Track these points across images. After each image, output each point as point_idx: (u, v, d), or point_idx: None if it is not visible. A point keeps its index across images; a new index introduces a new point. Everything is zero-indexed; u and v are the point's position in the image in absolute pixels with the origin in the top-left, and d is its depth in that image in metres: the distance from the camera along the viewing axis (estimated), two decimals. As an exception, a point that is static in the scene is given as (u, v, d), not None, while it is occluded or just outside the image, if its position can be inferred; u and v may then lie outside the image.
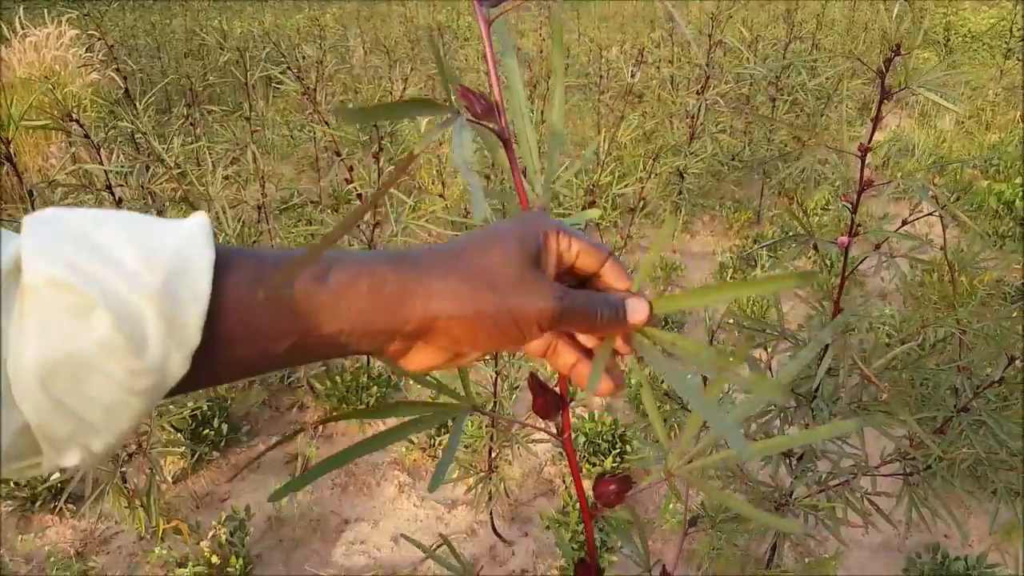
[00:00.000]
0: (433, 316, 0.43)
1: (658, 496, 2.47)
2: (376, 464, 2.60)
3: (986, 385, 1.78)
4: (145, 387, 0.36)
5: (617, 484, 0.66)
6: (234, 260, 0.40)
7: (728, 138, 3.71)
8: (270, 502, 0.55)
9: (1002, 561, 2.23)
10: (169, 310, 0.36)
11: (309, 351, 0.42)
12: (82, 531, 2.31)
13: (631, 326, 0.48)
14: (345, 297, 0.42)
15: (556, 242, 0.47)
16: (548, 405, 0.59)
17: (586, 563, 0.70)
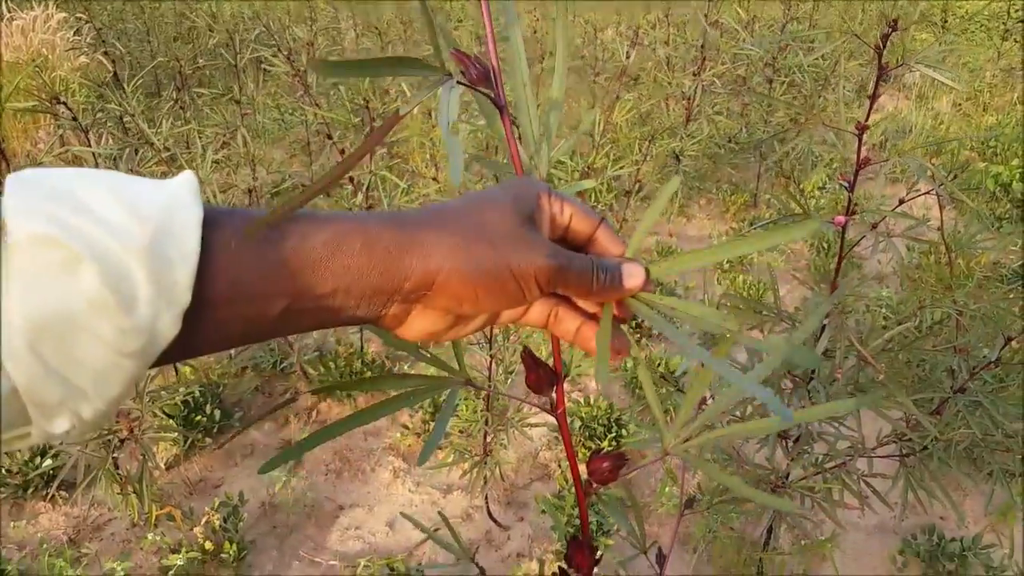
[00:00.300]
0: (434, 271, 0.42)
1: (654, 480, 2.46)
2: (371, 450, 2.59)
3: (983, 366, 1.77)
4: (135, 348, 0.35)
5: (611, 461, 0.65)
6: (222, 218, 0.38)
7: (725, 120, 3.68)
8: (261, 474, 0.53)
9: (998, 542, 2.24)
10: (158, 267, 0.35)
11: (304, 315, 0.41)
12: (75, 518, 2.29)
13: (627, 290, 0.47)
14: (338, 254, 0.40)
15: (549, 204, 0.46)
16: (541, 380, 0.58)
17: (578, 540, 0.69)
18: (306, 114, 3.03)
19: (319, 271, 0.40)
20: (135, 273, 0.34)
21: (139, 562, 2.14)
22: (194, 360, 2.63)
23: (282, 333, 0.42)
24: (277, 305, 0.39)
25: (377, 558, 2.10)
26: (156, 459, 2.40)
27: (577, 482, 0.64)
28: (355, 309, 0.42)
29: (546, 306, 0.49)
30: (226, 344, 0.40)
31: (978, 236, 2.37)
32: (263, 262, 0.39)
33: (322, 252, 0.40)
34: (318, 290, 0.40)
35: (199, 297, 0.36)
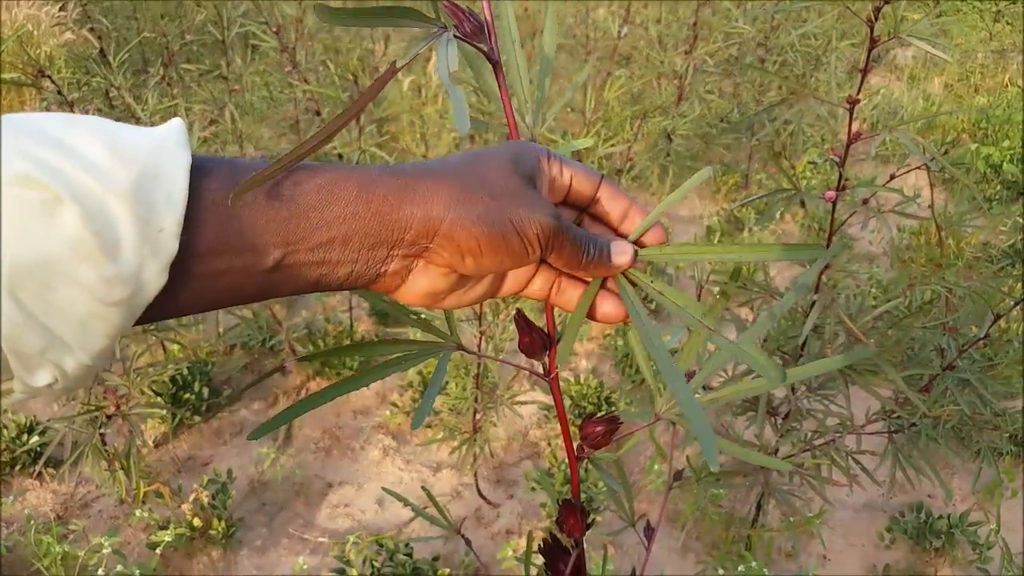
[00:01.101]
0: (436, 220, 0.40)
1: (643, 458, 2.47)
2: (360, 428, 2.58)
3: (972, 343, 1.77)
4: (120, 298, 0.33)
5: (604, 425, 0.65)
6: (210, 166, 0.37)
7: (717, 99, 3.66)
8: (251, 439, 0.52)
9: (985, 519, 2.25)
10: (143, 212, 0.33)
11: (299, 271, 0.39)
12: (63, 495, 2.28)
13: (615, 267, 0.46)
14: (333, 201, 0.39)
15: (548, 167, 0.45)
16: (534, 343, 0.57)
17: (570, 503, 0.68)
18: (295, 91, 3.00)
19: (313, 219, 0.38)
20: (118, 217, 0.33)
21: (127, 538, 2.13)
22: (182, 338, 2.62)
23: (278, 291, 0.40)
24: (269, 257, 0.37)
25: (366, 535, 2.10)
26: (144, 437, 2.39)
27: (568, 446, 0.64)
28: (354, 263, 0.40)
29: (548, 279, 0.48)
30: (216, 300, 0.38)
31: (967, 216, 2.37)
32: (254, 211, 0.37)
33: (315, 199, 0.38)
34: (313, 240, 0.38)
35: (186, 247, 0.35)
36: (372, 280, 0.42)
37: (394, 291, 0.44)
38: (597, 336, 2.99)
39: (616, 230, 0.48)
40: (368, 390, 2.72)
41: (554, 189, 0.46)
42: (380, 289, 0.43)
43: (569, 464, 0.65)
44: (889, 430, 1.86)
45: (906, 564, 2.18)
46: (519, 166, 0.43)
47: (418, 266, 0.42)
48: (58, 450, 2.28)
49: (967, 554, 2.19)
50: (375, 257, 0.40)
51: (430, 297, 0.44)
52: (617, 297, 0.48)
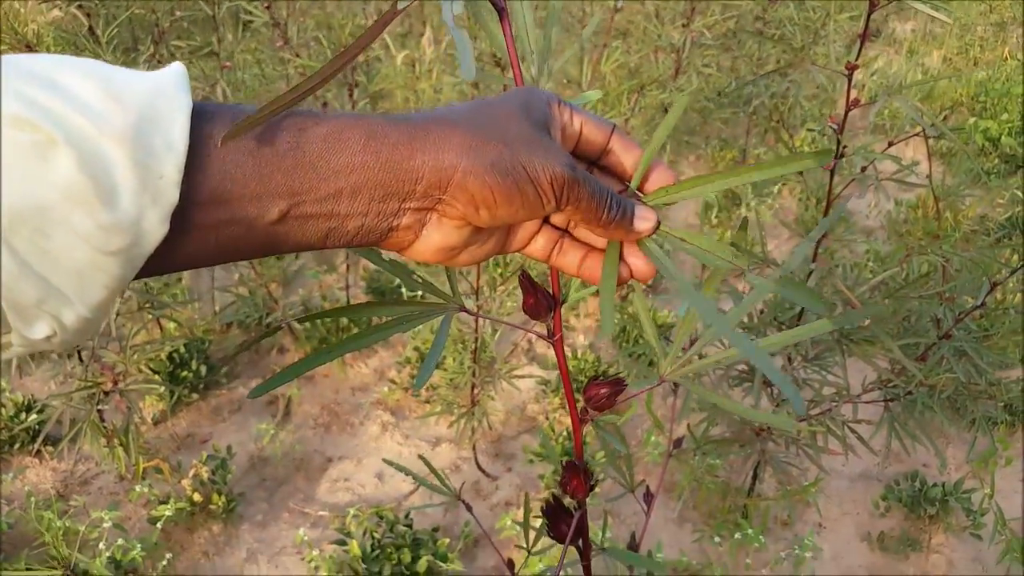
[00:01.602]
0: (448, 169, 0.38)
1: (640, 431, 2.48)
2: (359, 404, 2.59)
3: (968, 311, 1.77)
4: (119, 247, 0.32)
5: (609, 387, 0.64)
6: (213, 111, 0.36)
7: (715, 72, 3.64)
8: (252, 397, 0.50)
9: (979, 487, 2.27)
10: (141, 157, 0.32)
11: (307, 223, 0.37)
12: (62, 472, 2.29)
13: (636, 233, 0.44)
14: (340, 150, 0.37)
15: (560, 113, 0.43)
16: (539, 305, 0.56)
17: (574, 464, 0.68)
18: (287, 68, 2.98)
19: (320, 169, 0.37)
20: (115, 162, 0.31)
21: (127, 514, 2.14)
22: (179, 316, 2.62)
23: (284, 245, 0.38)
24: (275, 208, 0.36)
25: (366, 508, 2.12)
26: (142, 414, 2.39)
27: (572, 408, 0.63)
28: (364, 217, 0.38)
29: (550, 239, 0.47)
30: (220, 254, 0.37)
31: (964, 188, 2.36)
32: (257, 158, 0.35)
33: (321, 148, 0.37)
34: (320, 191, 0.37)
35: (188, 196, 0.34)
36: (384, 235, 0.40)
37: (407, 247, 0.42)
38: (594, 312, 2.99)
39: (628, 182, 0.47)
40: (366, 367, 2.73)
41: (565, 138, 0.44)
42: (392, 246, 0.42)
43: (572, 426, 0.64)
44: (885, 399, 1.87)
45: (901, 531, 2.20)
46: (530, 112, 0.41)
47: (431, 220, 0.41)
48: (57, 428, 2.29)
49: (961, 521, 2.20)
50: (386, 210, 0.39)
51: (443, 252, 0.43)
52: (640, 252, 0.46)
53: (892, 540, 2.19)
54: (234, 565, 2.07)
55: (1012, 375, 2.54)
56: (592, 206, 0.42)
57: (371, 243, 0.41)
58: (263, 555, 2.10)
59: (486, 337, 2.02)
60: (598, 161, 0.47)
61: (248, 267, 2.46)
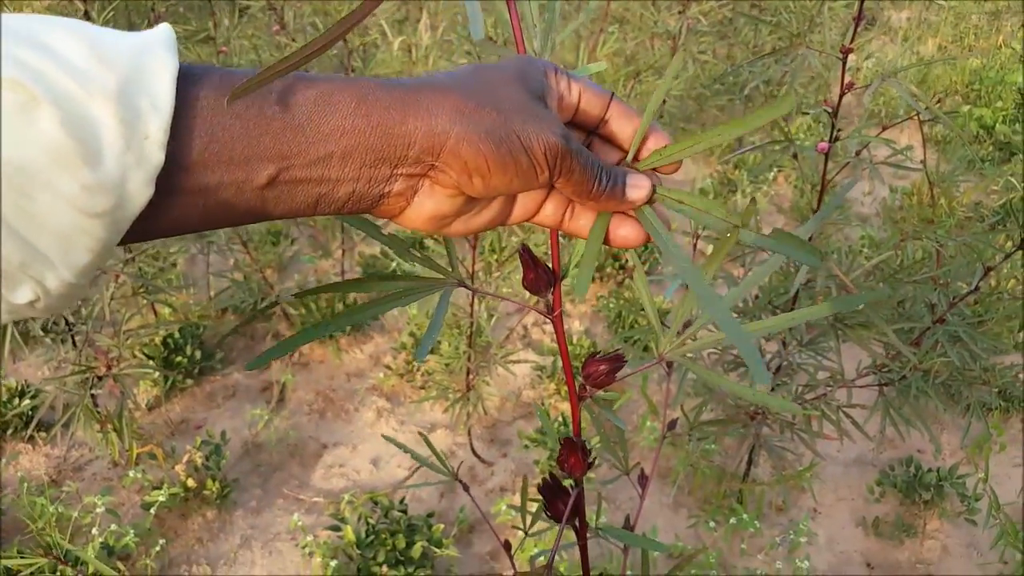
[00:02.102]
0: (441, 135, 0.37)
1: (636, 416, 2.48)
2: (354, 390, 2.59)
3: (962, 296, 1.77)
4: (103, 208, 0.31)
5: (608, 363, 0.63)
6: (200, 73, 0.35)
7: (711, 59, 3.63)
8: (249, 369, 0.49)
9: (974, 472, 2.28)
10: (126, 117, 0.31)
11: (296, 188, 0.37)
12: (56, 458, 2.28)
13: (628, 203, 0.43)
14: (330, 113, 0.36)
15: (557, 82, 0.42)
16: (539, 280, 0.55)
17: (572, 441, 0.68)
18: (283, 53, 2.95)
19: (309, 132, 0.36)
20: (100, 121, 0.31)
21: (121, 500, 2.13)
22: (173, 301, 2.61)
23: (273, 211, 0.38)
24: (263, 171, 0.35)
25: (361, 494, 2.12)
26: (136, 400, 2.39)
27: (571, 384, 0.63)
28: (355, 182, 0.38)
29: (560, 204, 0.46)
30: (207, 219, 0.36)
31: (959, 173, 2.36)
32: (245, 121, 0.35)
33: (311, 110, 0.36)
34: (310, 154, 0.36)
35: (174, 158, 0.33)
36: (375, 202, 0.39)
37: (398, 215, 0.41)
38: (590, 298, 2.99)
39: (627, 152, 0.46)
40: (361, 353, 2.72)
41: (562, 108, 0.43)
42: (383, 213, 0.41)
43: (571, 403, 0.64)
44: (880, 383, 1.87)
45: (895, 517, 2.21)
46: (526, 81, 0.40)
47: (423, 187, 0.40)
48: (50, 414, 2.28)
49: (956, 506, 2.21)
50: (377, 176, 0.38)
51: (436, 221, 0.42)
52: (634, 219, 0.45)
53: (887, 525, 2.20)
54: (228, 551, 2.06)
55: (1006, 361, 2.55)
56: (582, 179, 0.41)
57: (362, 210, 0.40)
58: (257, 541, 2.10)
59: (482, 322, 2.01)
60: (597, 130, 0.46)
61: (243, 252, 2.45)
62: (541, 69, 0.42)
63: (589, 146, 0.46)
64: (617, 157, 0.46)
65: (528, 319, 2.85)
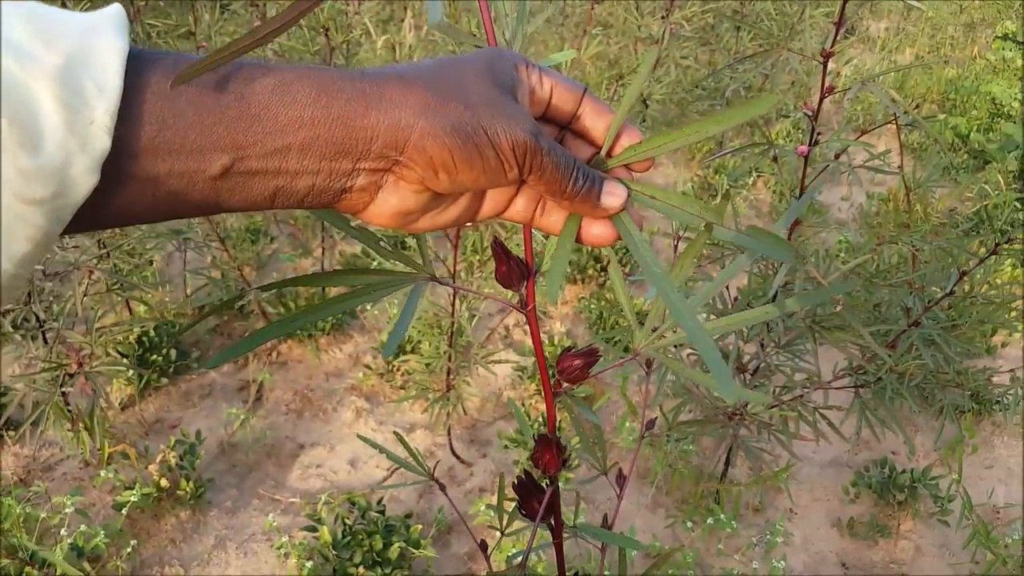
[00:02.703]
0: (404, 129, 0.36)
1: (615, 417, 2.48)
2: (332, 390, 2.56)
3: (938, 299, 1.79)
4: (43, 196, 0.30)
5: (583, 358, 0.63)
6: (151, 57, 0.33)
7: (693, 64, 3.66)
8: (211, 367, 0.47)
9: (947, 473, 2.31)
10: (69, 99, 0.30)
11: (252, 181, 0.35)
12: (25, 458, 2.24)
13: (601, 209, 0.42)
14: (288, 102, 0.35)
15: (528, 76, 0.41)
16: (512, 274, 0.55)
17: (546, 437, 0.67)
18: (264, 49, 2.93)
19: (265, 122, 0.34)
20: (40, 103, 0.29)
21: (92, 500, 2.10)
22: (149, 298, 2.57)
23: (228, 202, 0.36)
24: (216, 162, 0.34)
25: (338, 494, 2.10)
26: (110, 399, 2.35)
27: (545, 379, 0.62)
28: (315, 176, 0.36)
29: (531, 200, 0.45)
30: (157, 209, 0.35)
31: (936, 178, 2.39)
32: (198, 108, 0.33)
33: (268, 99, 0.35)
34: (266, 146, 0.35)
35: (122, 145, 0.32)
36: (337, 197, 0.38)
37: (362, 210, 0.40)
38: (571, 300, 2.99)
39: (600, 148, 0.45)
40: (340, 352, 2.70)
41: (533, 102, 0.42)
42: (346, 208, 0.40)
43: (545, 399, 0.63)
44: (856, 385, 1.89)
45: (870, 517, 2.23)
46: (496, 74, 0.39)
47: (388, 182, 0.39)
48: (19, 413, 2.23)
49: (929, 507, 2.24)
50: (338, 169, 0.37)
51: (401, 217, 0.41)
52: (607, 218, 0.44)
53: (861, 526, 2.22)
54: (202, 552, 2.04)
55: (979, 364, 2.59)
56: (556, 177, 0.40)
57: (324, 205, 0.39)
58: (232, 542, 2.07)
59: (463, 322, 2.01)
60: (569, 126, 0.45)
61: (221, 249, 2.42)
62: (511, 62, 0.41)
63: (561, 141, 0.45)
64: (590, 153, 0.45)
65: (509, 320, 2.84)
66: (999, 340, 2.81)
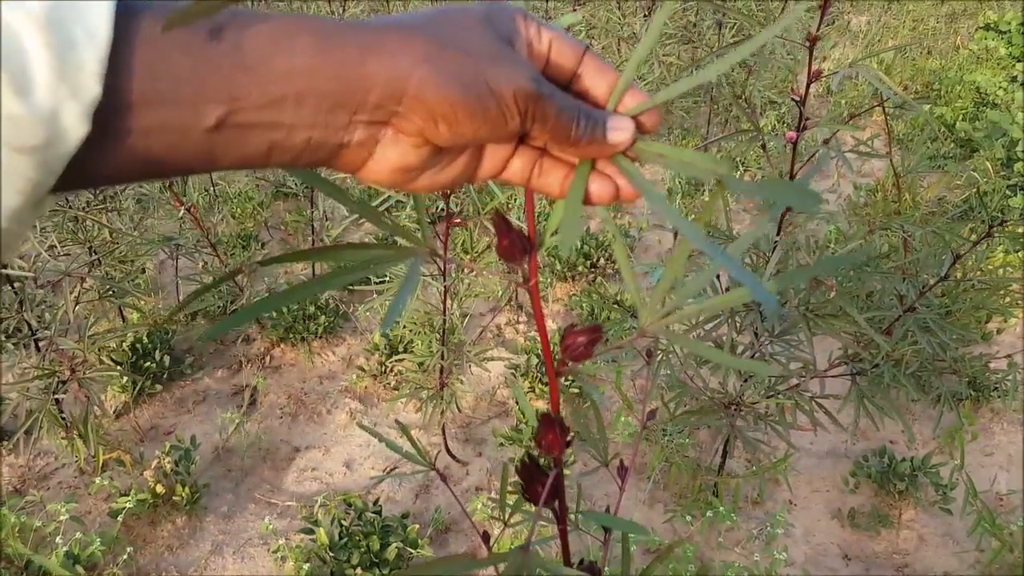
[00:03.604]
0: (403, 79, 0.35)
1: (610, 413, 2.48)
2: (327, 393, 2.55)
3: (932, 285, 1.80)
4: (33, 143, 0.29)
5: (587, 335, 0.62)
6: (141, 8, 0.32)
7: (676, 60, 3.67)
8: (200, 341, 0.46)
9: (947, 461, 2.31)
10: (57, 43, 0.29)
11: (247, 133, 0.34)
12: (20, 467, 2.22)
13: (610, 146, 0.41)
14: (283, 52, 0.34)
15: (526, 28, 0.40)
16: (514, 246, 0.54)
17: (549, 417, 0.66)
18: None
19: (261, 72, 0.33)
20: (28, 47, 0.28)
21: (87, 508, 2.08)
22: (142, 304, 2.55)
23: (224, 156, 0.35)
24: (210, 113, 0.33)
25: (334, 496, 2.08)
26: (104, 407, 2.33)
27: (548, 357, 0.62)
28: (311, 129, 0.35)
29: (528, 160, 0.43)
30: (151, 163, 0.34)
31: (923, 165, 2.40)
32: (191, 56, 0.32)
33: (264, 48, 0.34)
34: (262, 97, 0.34)
35: (113, 95, 0.31)
36: (334, 152, 0.37)
37: (360, 167, 0.39)
38: (562, 297, 2.99)
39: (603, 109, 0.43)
40: (333, 355, 2.69)
41: (531, 56, 0.41)
42: (344, 166, 0.39)
43: (548, 377, 0.63)
44: (852, 373, 1.89)
45: (871, 508, 2.23)
46: (494, 25, 0.38)
47: (386, 136, 0.38)
48: (13, 422, 2.21)
49: (930, 496, 2.24)
50: (335, 121, 0.36)
51: (400, 173, 0.40)
52: (605, 175, 0.43)
53: (863, 517, 2.22)
54: (199, 558, 2.02)
55: (975, 351, 2.60)
56: (560, 123, 0.39)
57: (321, 161, 0.38)
58: (229, 547, 2.05)
59: (454, 319, 2.00)
60: (568, 86, 0.43)
61: (212, 255, 2.41)
62: (509, 13, 0.40)
63: None
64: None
65: (501, 319, 2.84)
66: (994, 326, 2.82)
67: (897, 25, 5.41)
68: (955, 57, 4.89)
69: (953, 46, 5.13)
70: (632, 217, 3.60)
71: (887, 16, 5.40)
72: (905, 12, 5.59)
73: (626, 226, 3.44)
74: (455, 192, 1.79)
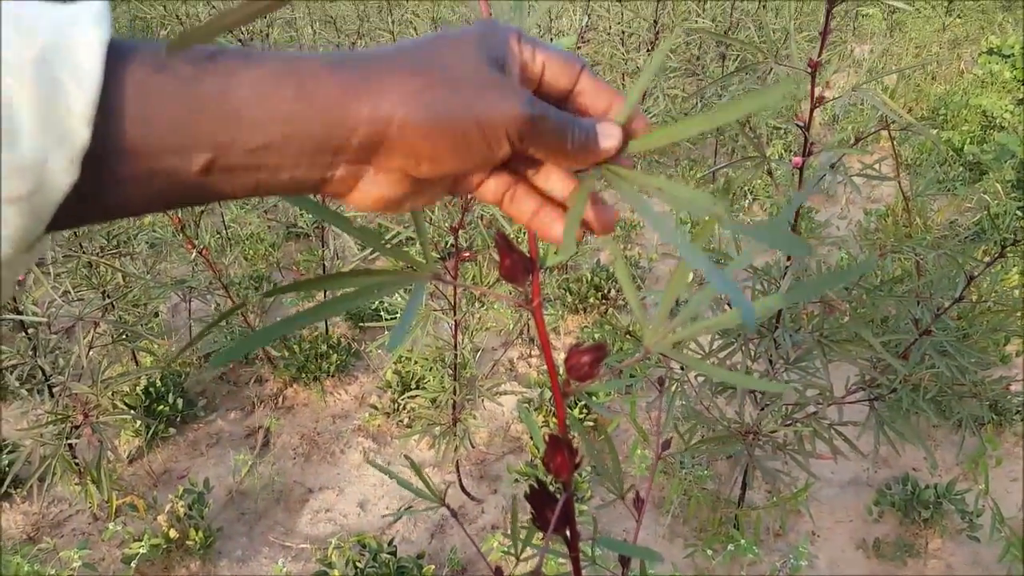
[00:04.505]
0: (386, 119, 0.35)
1: (625, 447, 2.45)
2: (340, 432, 2.54)
3: (948, 307, 1.77)
4: (20, 193, 0.29)
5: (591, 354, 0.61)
6: (133, 47, 0.32)
7: (681, 93, 3.70)
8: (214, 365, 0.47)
9: (972, 487, 2.26)
10: (45, 92, 0.29)
11: (234, 175, 0.35)
12: (34, 515, 2.21)
13: (603, 151, 0.41)
14: (267, 100, 0.34)
15: (520, 50, 0.40)
16: (516, 267, 0.54)
17: (557, 438, 0.65)
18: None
19: (246, 119, 0.34)
20: (13, 96, 0.28)
21: (101, 555, 2.06)
22: (156, 347, 2.56)
23: (212, 196, 0.36)
24: (198, 160, 0.33)
25: (348, 538, 2.06)
26: (118, 452, 2.33)
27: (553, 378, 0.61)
28: (295, 168, 0.36)
29: (503, 183, 0.43)
30: (146, 205, 0.34)
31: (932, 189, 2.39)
32: (180, 104, 0.32)
33: (250, 94, 0.34)
34: (247, 143, 0.34)
35: (103, 141, 0.31)
36: (318, 185, 0.38)
37: (344, 196, 0.39)
38: (574, 329, 2.98)
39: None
40: (346, 394, 2.68)
41: (525, 77, 0.41)
42: (330, 193, 0.39)
43: (554, 398, 0.62)
44: (870, 398, 1.86)
45: (896, 537, 2.18)
46: (485, 48, 0.38)
47: (368, 173, 0.38)
48: (27, 469, 2.21)
49: (956, 523, 2.18)
50: (318, 162, 0.36)
51: (384, 203, 0.40)
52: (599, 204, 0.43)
53: (888, 547, 2.16)
54: (214, 603, 1.99)
55: (995, 374, 2.55)
56: (555, 137, 0.39)
57: (307, 192, 0.39)
58: (244, 591, 2.03)
59: (466, 354, 1.99)
60: (564, 104, 0.43)
61: (225, 296, 2.42)
62: (503, 35, 0.40)
63: None
64: None
65: (513, 352, 2.83)
66: (1013, 349, 2.78)
67: (900, 52, 5.45)
68: (959, 82, 4.90)
69: (957, 71, 5.15)
70: (642, 248, 3.60)
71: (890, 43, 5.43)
72: (908, 40, 5.63)
73: (636, 256, 3.44)
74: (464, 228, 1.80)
